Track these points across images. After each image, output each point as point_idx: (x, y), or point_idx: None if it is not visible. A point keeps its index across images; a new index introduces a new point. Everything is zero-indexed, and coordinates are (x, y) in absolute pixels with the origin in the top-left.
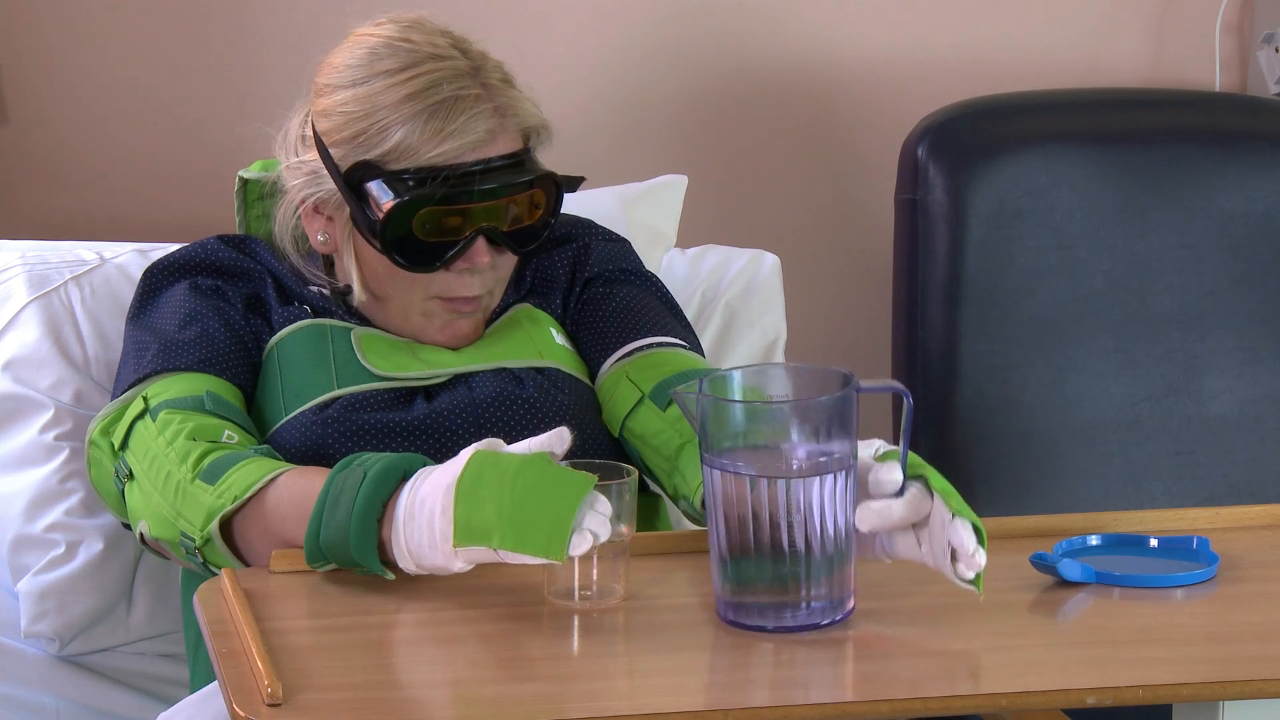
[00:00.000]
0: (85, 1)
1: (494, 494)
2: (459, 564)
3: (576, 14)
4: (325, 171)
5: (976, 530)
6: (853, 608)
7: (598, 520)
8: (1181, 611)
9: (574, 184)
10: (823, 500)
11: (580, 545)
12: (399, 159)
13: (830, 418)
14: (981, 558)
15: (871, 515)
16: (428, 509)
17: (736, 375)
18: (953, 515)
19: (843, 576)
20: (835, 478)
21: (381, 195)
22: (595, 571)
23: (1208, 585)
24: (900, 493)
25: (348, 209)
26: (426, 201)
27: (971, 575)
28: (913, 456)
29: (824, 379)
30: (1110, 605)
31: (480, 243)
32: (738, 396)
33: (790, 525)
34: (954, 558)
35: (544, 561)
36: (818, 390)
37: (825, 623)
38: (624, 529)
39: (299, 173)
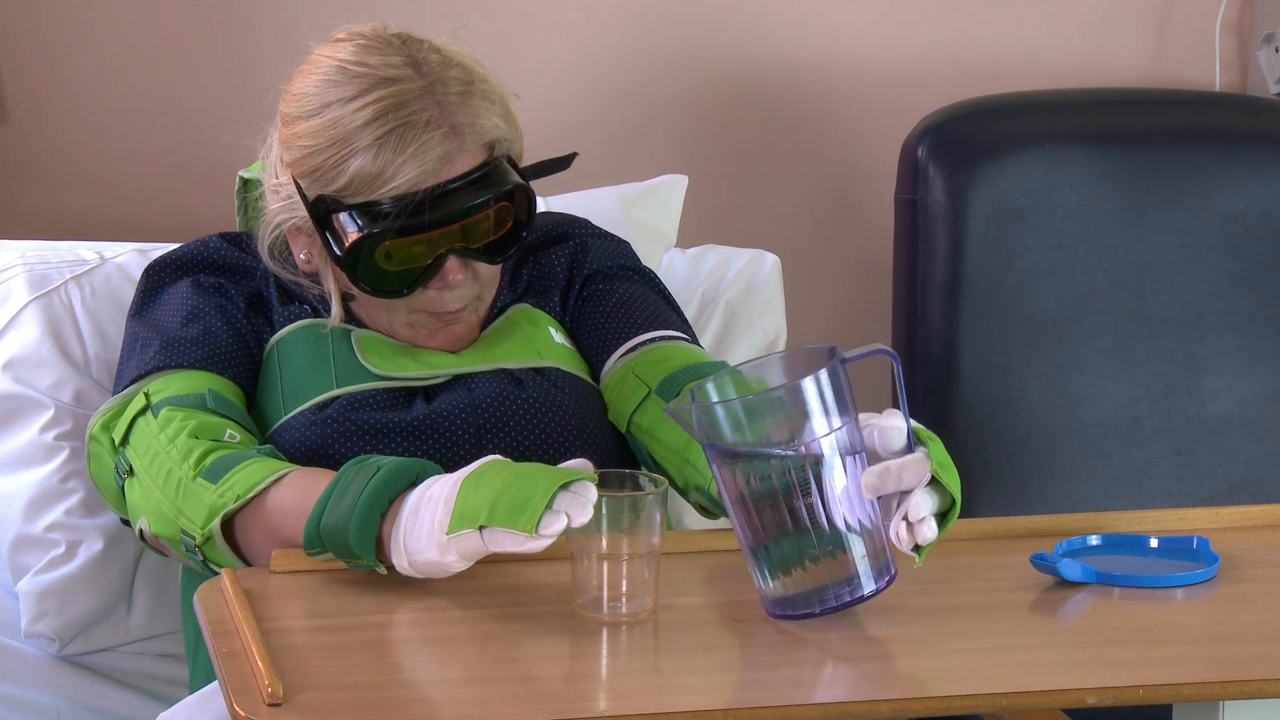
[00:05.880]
0: (85, 1)
1: (490, 483)
2: (451, 555)
3: (576, 14)
4: (299, 198)
5: (950, 510)
6: (895, 572)
7: (571, 501)
8: (1181, 611)
9: (566, 163)
10: (832, 473)
11: (551, 524)
12: (356, 192)
13: (822, 393)
14: (929, 531)
15: (871, 478)
16: (434, 503)
17: (728, 377)
18: (930, 479)
19: (874, 543)
20: (839, 449)
21: (345, 229)
22: (625, 583)
23: (1208, 585)
24: (911, 450)
25: None
26: (386, 235)
27: (909, 545)
28: (924, 430)
29: (813, 358)
30: (1110, 605)
31: (452, 261)
32: (729, 397)
33: (807, 507)
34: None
35: (522, 543)
36: (810, 369)
37: (870, 592)
38: (655, 540)
39: (278, 196)
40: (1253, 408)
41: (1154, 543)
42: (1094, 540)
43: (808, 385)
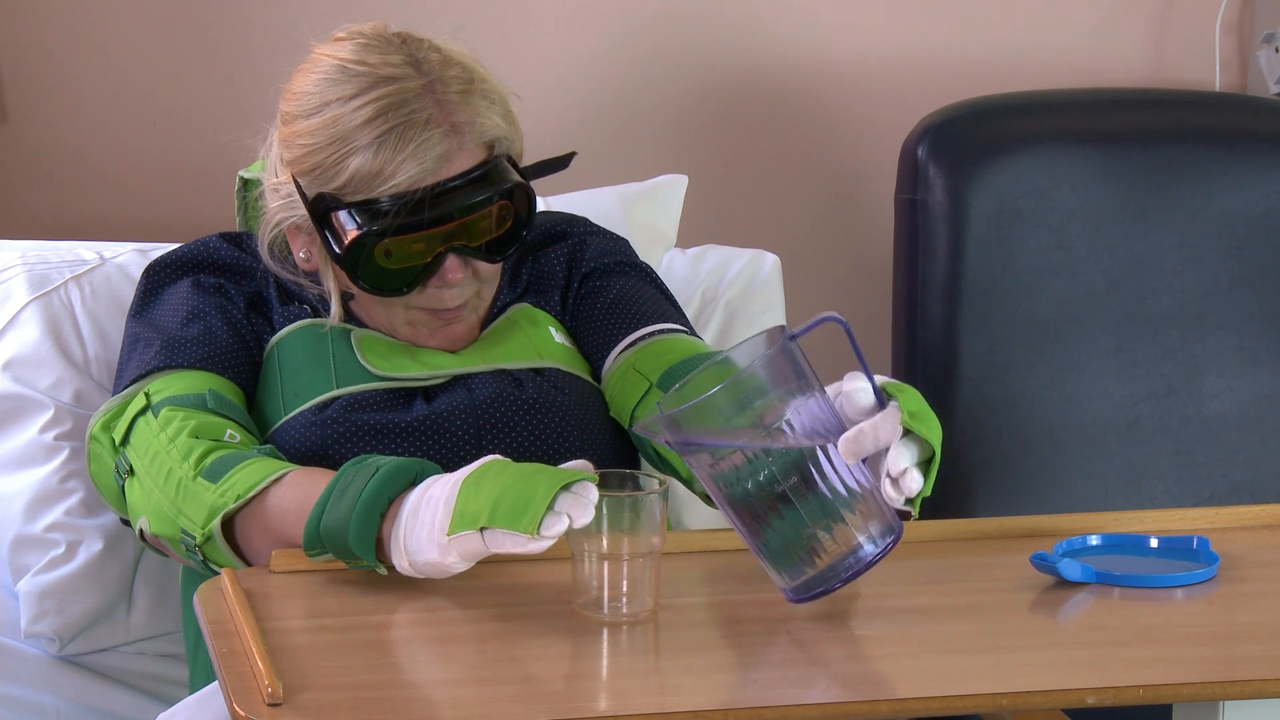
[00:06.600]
0: (85, 1)
1: (491, 484)
2: (452, 556)
3: (576, 14)
4: (299, 196)
5: (931, 459)
6: (900, 531)
7: (572, 502)
8: (1181, 611)
9: (564, 162)
10: (807, 449)
11: (553, 525)
12: (356, 191)
13: (778, 374)
14: (914, 482)
15: (848, 443)
16: (434, 503)
17: (690, 382)
18: (904, 433)
19: (869, 506)
20: (808, 424)
21: (344, 227)
22: (625, 583)
23: (1208, 585)
24: (882, 407)
25: None
26: (385, 233)
27: (901, 500)
28: (893, 383)
29: (771, 339)
30: (1110, 605)
31: (451, 260)
32: (688, 403)
33: (792, 489)
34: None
35: (523, 544)
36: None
37: (874, 556)
38: (655, 540)
39: (277, 195)
40: (1253, 408)
41: (1154, 543)
42: (1094, 540)
43: (759, 370)
